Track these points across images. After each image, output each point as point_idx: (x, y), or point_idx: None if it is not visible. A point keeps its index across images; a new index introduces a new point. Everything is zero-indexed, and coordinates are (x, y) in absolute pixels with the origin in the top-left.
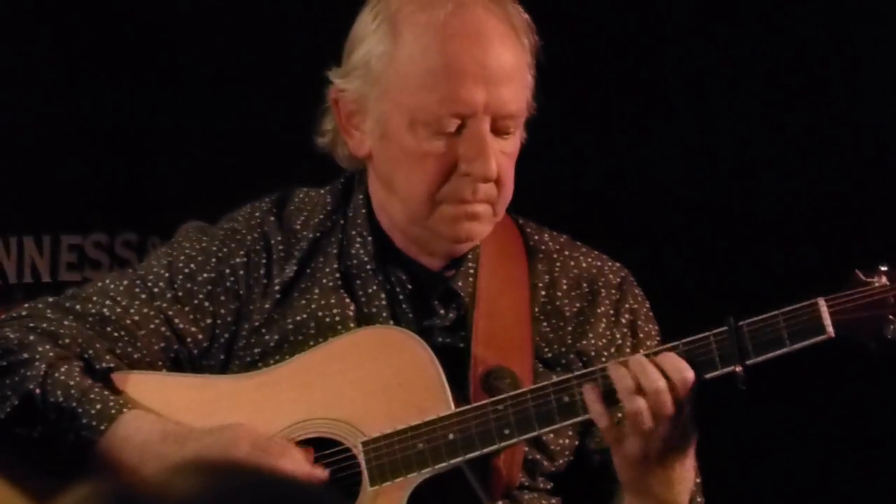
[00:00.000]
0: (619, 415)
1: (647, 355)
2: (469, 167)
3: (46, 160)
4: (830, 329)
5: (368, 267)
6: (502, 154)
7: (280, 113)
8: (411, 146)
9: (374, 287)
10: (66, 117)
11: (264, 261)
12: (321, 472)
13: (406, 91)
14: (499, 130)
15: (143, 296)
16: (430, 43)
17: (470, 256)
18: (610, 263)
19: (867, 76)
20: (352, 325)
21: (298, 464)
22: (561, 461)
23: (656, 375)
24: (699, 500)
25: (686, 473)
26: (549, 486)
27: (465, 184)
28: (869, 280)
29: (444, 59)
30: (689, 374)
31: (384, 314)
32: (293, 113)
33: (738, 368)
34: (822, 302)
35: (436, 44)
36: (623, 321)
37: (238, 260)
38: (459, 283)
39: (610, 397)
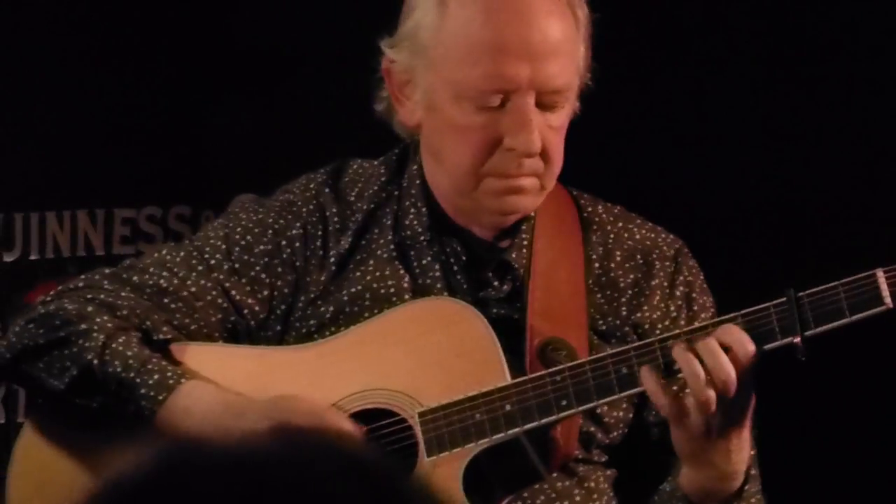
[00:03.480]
0: (675, 387)
1: (705, 326)
2: (512, 142)
3: (99, 134)
4: (888, 300)
5: (423, 238)
6: (549, 128)
7: (333, 84)
8: (456, 119)
9: (429, 258)
10: (119, 91)
11: (320, 232)
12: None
13: (450, 64)
14: (545, 105)
15: (201, 267)
16: (474, 16)
17: (524, 227)
18: (664, 235)
19: None
20: (407, 296)
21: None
22: (615, 433)
23: (728, 366)
24: (753, 472)
25: (743, 443)
26: (603, 459)
27: (510, 158)
28: None
29: (486, 34)
30: (752, 347)
31: (439, 285)
32: (347, 84)
33: (797, 340)
34: (880, 273)
35: (480, 17)
36: (678, 293)
37: (294, 232)
38: (514, 255)
39: (668, 369)
